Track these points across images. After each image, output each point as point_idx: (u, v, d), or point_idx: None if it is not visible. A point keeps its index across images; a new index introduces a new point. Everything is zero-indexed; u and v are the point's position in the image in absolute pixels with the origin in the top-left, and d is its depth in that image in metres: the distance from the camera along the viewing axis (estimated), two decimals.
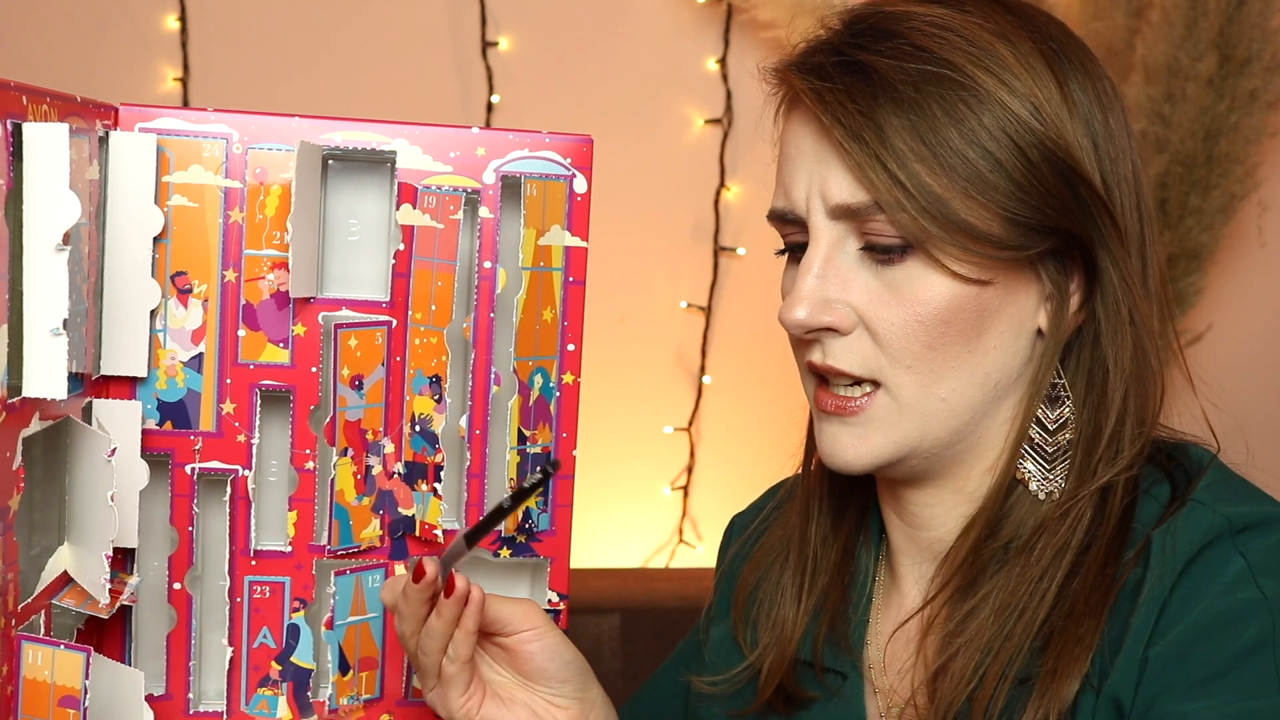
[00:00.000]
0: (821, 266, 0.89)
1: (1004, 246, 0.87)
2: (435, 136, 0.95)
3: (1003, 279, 0.88)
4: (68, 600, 0.85)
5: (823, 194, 0.89)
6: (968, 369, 0.89)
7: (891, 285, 0.88)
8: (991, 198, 0.86)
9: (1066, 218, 0.88)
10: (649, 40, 2.44)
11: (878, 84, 0.87)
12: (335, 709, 0.97)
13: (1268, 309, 2.57)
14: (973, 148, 0.86)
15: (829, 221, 0.89)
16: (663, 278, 2.47)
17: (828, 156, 0.89)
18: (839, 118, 0.87)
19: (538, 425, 0.98)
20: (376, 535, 0.96)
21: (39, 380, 0.77)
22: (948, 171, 0.85)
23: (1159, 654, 0.83)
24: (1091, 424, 0.91)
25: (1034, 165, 0.87)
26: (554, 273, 0.97)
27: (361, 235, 0.97)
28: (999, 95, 0.87)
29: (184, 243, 0.93)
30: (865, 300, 0.89)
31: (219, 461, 0.94)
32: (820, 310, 0.89)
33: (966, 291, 0.87)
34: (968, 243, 0.86)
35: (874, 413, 0.90)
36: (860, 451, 0.91)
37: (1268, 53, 2.32)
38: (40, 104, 0.78)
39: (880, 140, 0.86)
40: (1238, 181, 2.37)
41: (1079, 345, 0.92)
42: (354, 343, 0.94)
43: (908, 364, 0.88)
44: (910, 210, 0.85)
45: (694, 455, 2.47)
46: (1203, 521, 0.86)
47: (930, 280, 0.87)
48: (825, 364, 0.90)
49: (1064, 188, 0.88)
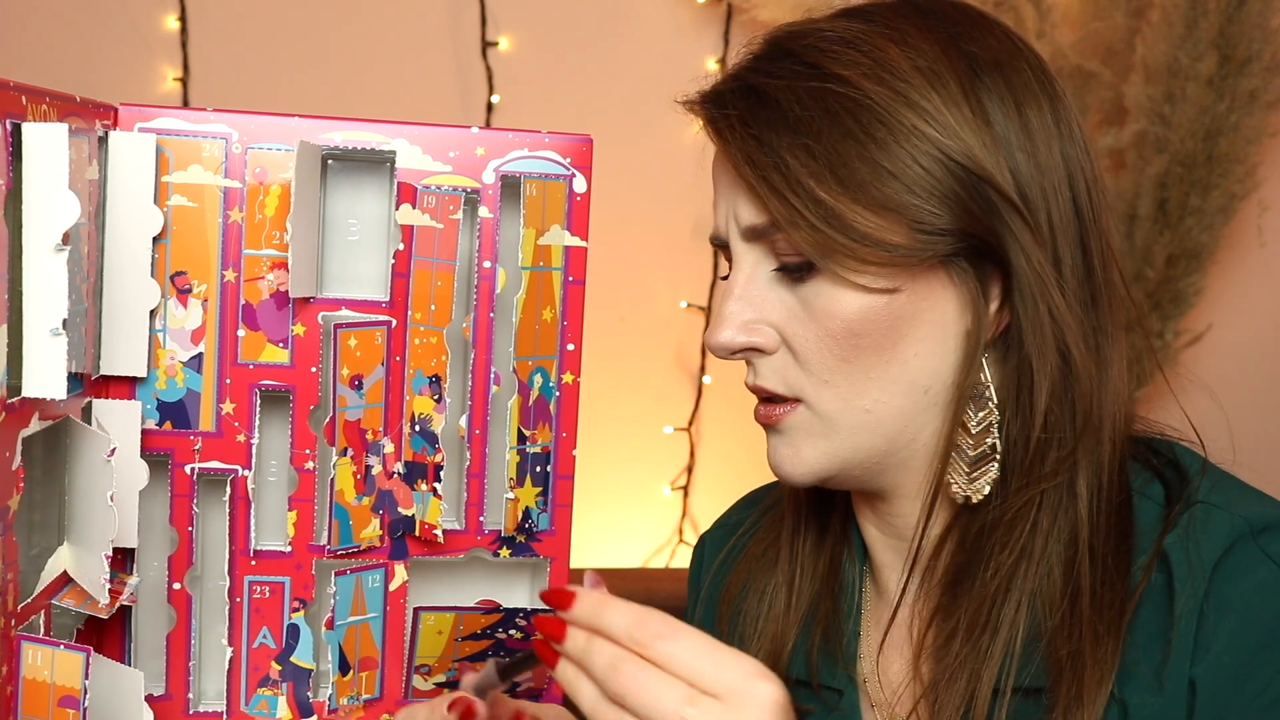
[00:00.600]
0: (742, 289, 0.91)
1: (903, 253, 0.86)
2: (435, 136, 0.95)
3: (912, 285, 0.87)
4: (67, 600, 0.85)
5: (735, 218, 0.91)
6: (889, 379, 0.89)
7: (804, 302, 0.89)
8: (888, 206, 0.85)
9: (968, 219, 0.87)
10: (649, 40, 2.44)
11: (769, 105, 0.88)
12: (335, 709, 0.97)
13: (1268, 309, 2.57)
14: (863, 161, 0.86)
15: (744, 245, 0.91)
16: (663, 278, 2.47)
17: (736, 181, 0.90)
18: (731, 142, 0.89)
19: (537, 425, 0.98)
20: (376, 535, 0.96)
21: (38, 380, 0.77)
22: (841, 185, 0.85)
23: (1210, 675, 0.82)
24: (1018, 425, 0.89)
25: (928, 170, 0.86)
26: (554, 272, 0.97)
27: (361, 235, 0.97)
28: (890, 105, 0.86)
29: (183, 243, 0.93)
30: (783, 319, 0.90)
31: (218, 461, 0.94)
32: (743, 332, 0.90)
33: (875, 302, 0.87)
34: (866, 253, 0.85)
35: (794, 423, 0.91)
36: (795, 462, 0.91)
37: (1268, 53, 2.33)
38: (40, 104, 0.78)
39: (771, 162, 0.87)
40: (1238, 181, 2.37)
41: (1005, 347, 0.90)
42: (353, 342, 0.94)
43: (825, 379, 0.89)
44: (804, 227, 0.86)
45: (694, 455, 2.48)
46: (1222, 524, 0.86)
47: (836, 294, 0.87)
48: (755, 384, 0.92)
49: (961, 189, 0.86)
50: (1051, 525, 0.88)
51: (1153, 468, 0.92)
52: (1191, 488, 0.89)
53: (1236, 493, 0.89)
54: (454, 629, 0.96)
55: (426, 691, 0.98)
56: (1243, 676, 0.81)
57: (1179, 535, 0.86)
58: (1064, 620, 0.87)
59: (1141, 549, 0.87)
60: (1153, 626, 0.85)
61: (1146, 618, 0.85)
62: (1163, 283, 2.40)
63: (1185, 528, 0.86)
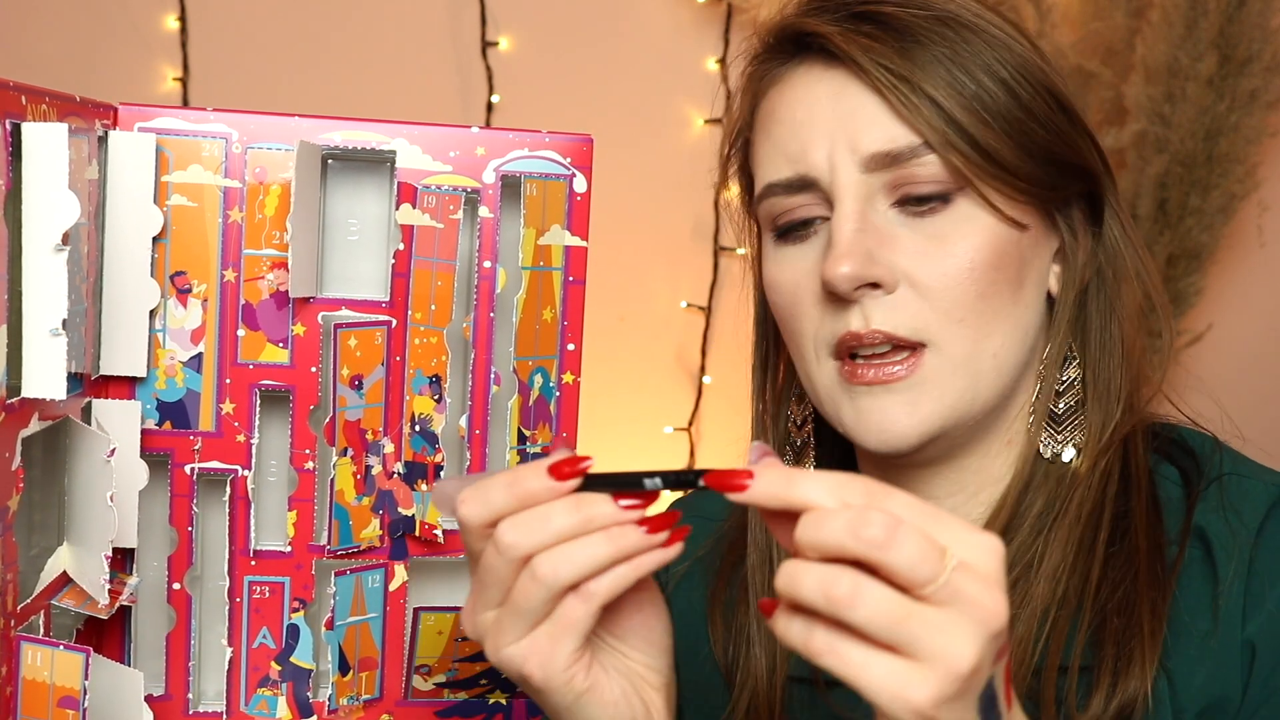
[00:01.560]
0: (859, 221, 0.85)
1: (1041, 185, 0.87)
2: (435, 136, 0.95)
3: (1035, 226, 0.88)
4: (67, 600, 0.85)
5: (852, 147, 0.86)
6: (1012, 322, 0.87)
7: (935, 236, 0.86)
8: (1023, 133, 0.86)
9: (1083, 158, 0.89)
10: (649, 40, 2.44)
11: (900, 30, 0.86)
12: (335, 709, 0.97)
13: (1268, 309, 2.57)
14: (1000, 85, 0.85)
15: (861, 176, 0.86)
16: (663, 278, 2.47)
17: (858, 107, 0.86)
18: (877, 60, 0.85)
19: (538, 425, 0.98)
20: (376, 535, 0.96)
21: (38, 380, 0.77)
22: (985, 108, 0.85)
23: (1265, 638, 0.81)
24: (1101, 381, 0.89)
25: (1050, 105, 0.87)
26: (554, 272, 0.97)
27: (361, 235, 0.97)
28: (1003, 38, 0.87)
29: (183, 242, 0.93)
30: (909, 255, 0.85)
31: (218, 461, 0.94)
32: (868, 263, 0.85)
33: (1010, 235, 0.86)
34: (1012, 179, 0.85)
35: (924, 374, 0.85)
36: (914, 421, 0.86)
37: (1268, 53, 2.33)
38: (39, 104, 0.78)
39: (922, 79, 0.85)
40: (1238, 181, 2.37)
41: (1085, 303, 0.91)
42: (353, 342, 0.94)
43: (960, 317, 0.85)
44: (961, 148, 0.84)
45: (694, 455, 2.47)
46: (1257, 491, 0.86)
47: (978, 224, 0.85)
48: (870, 329, 0.85)
49: (1074, 131, 0.88)
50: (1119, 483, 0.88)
51: (1161, 449, 0.92)
52: (1211, 463, 0.89)
53: (1255, 465, 0.90)
54: (454, 629, 0.96)
55: (426, 692, 0.98)
56: None
57: (1213, 507, 0.86)
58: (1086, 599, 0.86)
59: (1169, 527, 0.87)
60: (1194, 600, 0.84)
61: (1188, 592, 0.85)
62: (1163, 283, 2.40)
63: (1218, 499, 0.86)
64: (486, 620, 0.74)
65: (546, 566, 0.70)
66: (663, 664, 0.81)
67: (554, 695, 0.74)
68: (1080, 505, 0.87)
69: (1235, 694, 0.82)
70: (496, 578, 0.72)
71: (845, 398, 0.89)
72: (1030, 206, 0.87)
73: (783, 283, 0.91)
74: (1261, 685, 0.81)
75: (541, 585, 0.71)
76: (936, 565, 0.61)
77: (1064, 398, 0.90)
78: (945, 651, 0.61)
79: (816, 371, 0.90)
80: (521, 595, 0.71)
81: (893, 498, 0.64)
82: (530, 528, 0.71)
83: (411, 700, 0.98)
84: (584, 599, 0.71)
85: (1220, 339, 2.49)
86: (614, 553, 0.70)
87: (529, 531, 0.71)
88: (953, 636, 0.61)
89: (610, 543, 0.70)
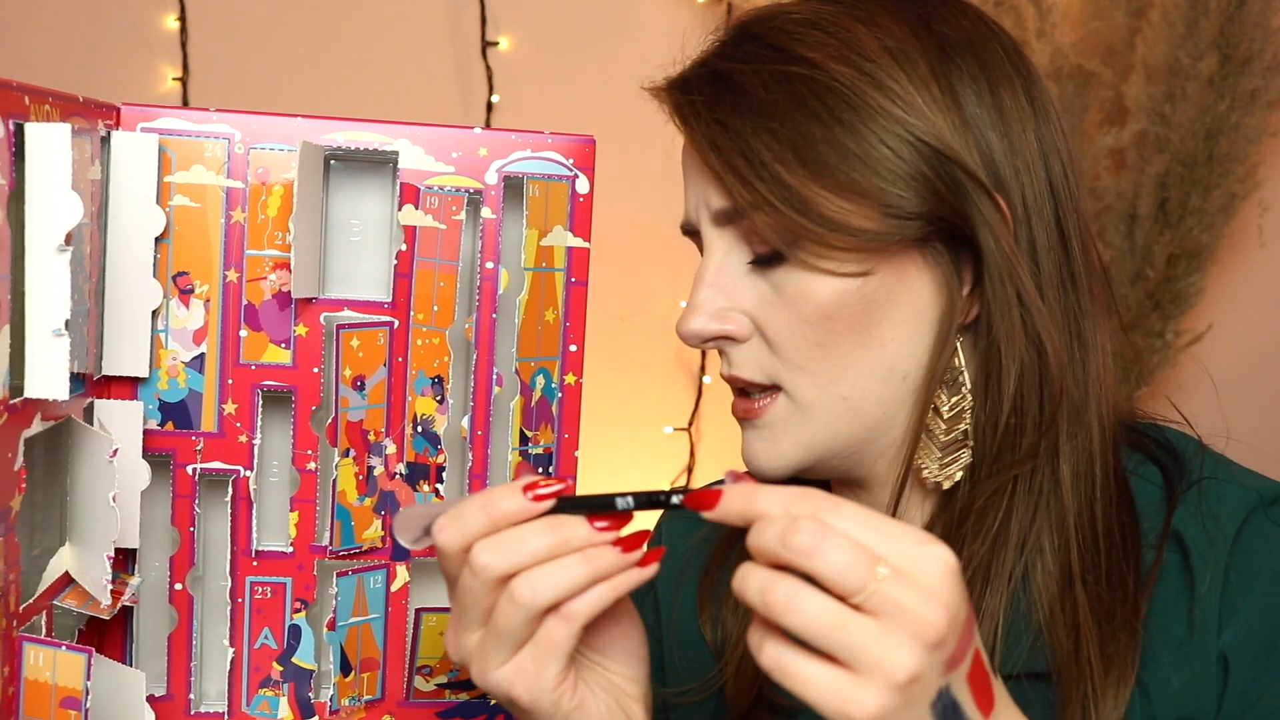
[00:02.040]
0: (714, 276, 0.90)
1: (872, 237, 0.84)
2: (437, 137, 0.95)
3: (884, 268, 0.86)
4: (69, 601, 0.85)
5: (705, 204, 0.90)
6: (867, 365, 0.87)
7: (776, 287, 0.88)
8: (855, 190, 0.84)
9: (936, 201, 0.85)
10: (649, 40, 2.43)
11: (734, 90, 0.87)
12: (337, 710, 0.97)
13: (1268, 309, 2.57)
14: (828, 144, 0.84)
15: (715, 231, 0.90)
16: (663, 278, 2.47)
17: (702, 168, 0.90)
18: (696, 128, 0.88)
19: (540, 426, 0.98)
20: (378, 536, 0.96)
21: (41, 381, 0.77)
22: (807, 168, 0.84)
23: (1241, 645, 0.81)
24: (988, 410, 0.88)
25: (894, 152, 0.84)
26: (556, 273, 0.97)
27: (363, 236, 0.97)
28: (856, 87, 0.85)
29: (186, 243, 0.93)
30: (756, 306, 0.89)
31: (220, 462, 0.94)
32: (715, 320, 0.90)
33: (847, 286, 0.86)
34: (834, 238, 0.84)
35: (775, 415, 0.90)
36: (772, 455, 0.90)
37: (1268, 53, 2.33)
38: (42, 104, 0.78)
39: (735, 146, 0.85)
40: (1238, 181, 2.37)
41: (976, 331, 0.89)
42: (356, 343, 0.94)
43: (800, 365, 0.88)
44: (769, 212, 0.84)
45: (694, 455, 2.48)
46: (1235, 496, 0.85)
47: (808, 279, 0.86)
48: (730, 374, 0.91)
49: (929, 170, 0.85)
50: (1030, 512, 0.87)
51: (1144, 450, 0.91)
52: (1192, 466, 0.89)
53: (1237, 468, 0.90)
54: None
55: (428, 692, 0.98)
56: (1276, 647, 0.81)
57: (1190, 511, 0.85)
58: (1062, 608, 0.85)
59: (1147, 531, 0.86)
60: (1170, 605, 0.84)
61: (1163, 597, 0.84)
62: (1163, 283, 2.40)
63: (1196, 504, 0.85)
64: (470, 644, 0.75)
65: (525, 589, 0.71)
66: (641, 674, 0.82)
67: (542, 716, 0.75)
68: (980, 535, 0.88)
69: (1210, 706, 0.82)
70: (473, 599, 0.73)
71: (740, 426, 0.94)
72: (869, 254, 0.85)
73: None
74: (1238, 698, 0.81)
75: (521, 607, 0.71)
76: (865, 574, 0.62)
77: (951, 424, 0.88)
78: (880, 661, 0.62)
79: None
80: (502, 619, 0.72)
81: (839, 509, 0.65)
82: (505, 549, 0.72)
83: (413, 701, 0.98)
84: (565, 620, 0.72)
85: (1220, 339, 2.49)
86: (591, 573, 0.72)
87: (504, 553, 0.72)
88: (886, 646, 0.62)
89: (587, 563, 0.72)
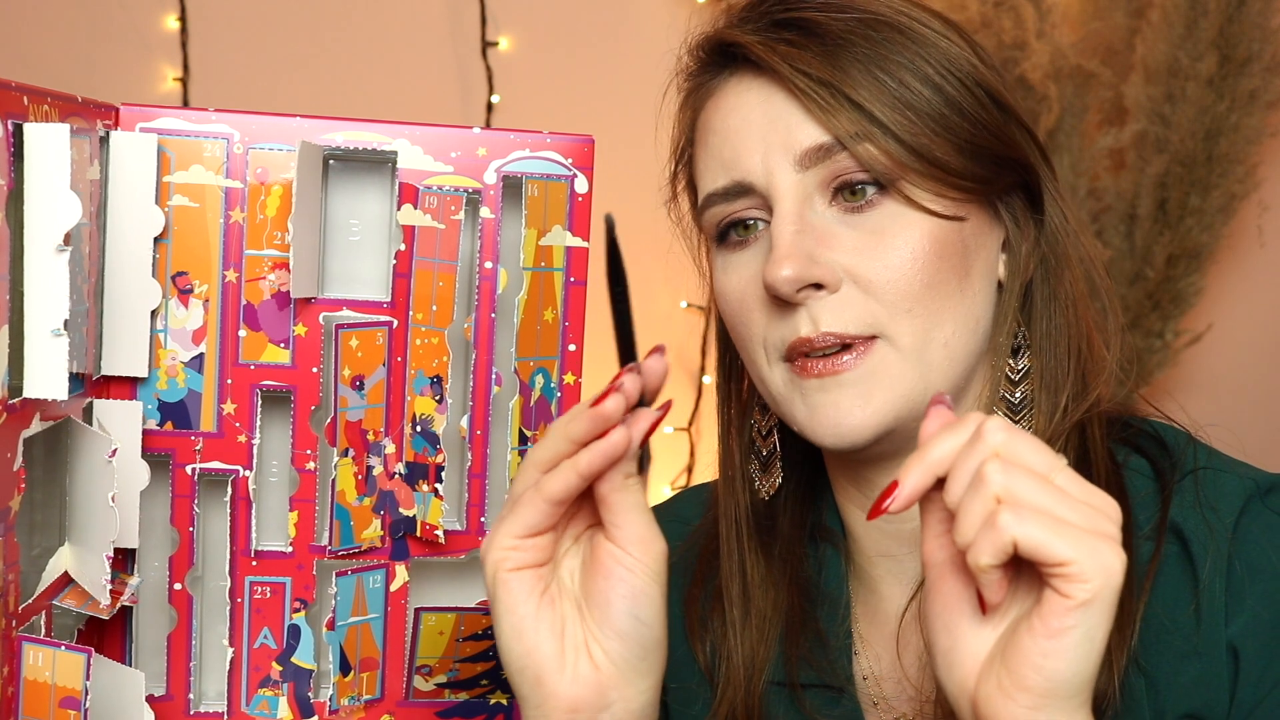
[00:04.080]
0: (796, 222, 0.87)
1: (973, 178, 0.87)
2: (436, 137, 0.95)
3: (975, 217, 0.89)
4: (68, 601, 0.85)
5: (785, 147, 0.88)
6: (962, 310, 0.87)
7: (875, 231, 0.86)
8: (949, 130, 0.86)
9: (1017, 150, 0.89)
10: (649, 40, 2.43)
11: (822, 34, 0.88)
12: (336, 709, 0.97)
13: (1268, 309, 2.57)
14: (924, 84, 0.86)
15: (796, 176, 0.87)
16: (663, 278, 2.47)
17: (786, 112, 0.88)
18: (798, 67, 0.87)
19: (539, 426, 0.98)
20: (377, 536, 0.96)
21: (40, 381, 0.77)
22: (907, 107, 0.86)
23: (1250, 634, 0.81)
24: (1052, 368, 0.89)
25: (979, 100, 0.88)
26: (555, 273, 0.97)
27: (362, 235, 0.97)
28: (931, 37, 0.88)
29: (185, 243, 0.93)
30: (851, 252, 0.86)
31: (220, 462, 0.94)
32: (808, 266, 0.85)
33: (949, 227, 0.87)
34: (939, 175, 0.86)
35: (874, 365, 0.86)
36: (867, 413, 0.85)
37: (1268, 53, 2.33)
38: (41, 104, 0.78)
39: (842, 81, 0.86)
40: (1238, 181, 2.37)
41: (1033, 291, 0.91)
42: (355, 343, 0.94)
43: (908, 308, 0.85)
44: (881, 144, 0.85)
45: (694, 455, 2.48)
46: (1233, 485, 0.86)
47: (913, 218, 0.86)
48: (821, 333, 0.86)
49: (1006, 123, 0.89)
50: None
51: (1130, 442, 0.91)
52: (1183, 457, 0.89)
53: (1230, 459, 0.90)
54: (455, 629, 0.96)
55: (427, 692, 0.98)
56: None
57: (1189, 503, 0.85)
58: None
59: (1140, 522, 0.86)
60: (1172, 596, 0.84)
61: (1164, 589, 0.84)
62: (1163, 283, 2.40)
63: (1193, 494, 0.85)
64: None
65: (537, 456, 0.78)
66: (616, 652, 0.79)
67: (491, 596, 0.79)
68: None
69: (1222, 697, 0.82)
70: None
71: (797, 395, 0.89)
72: (964, 199, 0.88)
73: (730, 290, 0.93)
74: (1253, 687, 0.81)
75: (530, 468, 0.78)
76: (1051, 458, 0.68)
77: (1019, 386, 0.90)
78: (1098, 527, 0.68)
79: (769, 375, 0.91)
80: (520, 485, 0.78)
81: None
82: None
83: (412, 700, 0.98)
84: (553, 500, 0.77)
85: (1220, 339, 2.49)
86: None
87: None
88: (1096, 514, 0.68)
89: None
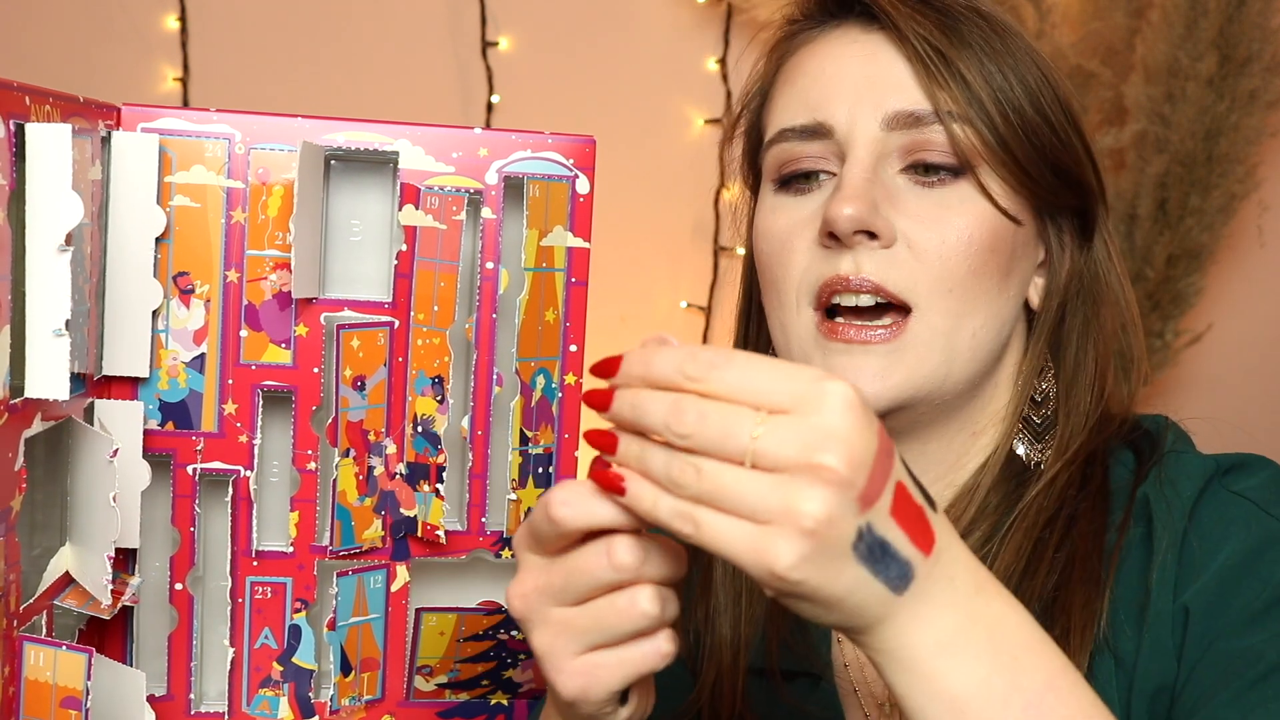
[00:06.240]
0: (868, 172, 0.87)
1: (1042, 186, 0.89)
2: (437, 137, 0.95)
3: (1028, 226, 0.90)
4: (69, 601, 0.85)
5: (877, 104, 0.88)
6: (995, 308, 0.88)
7: (940, 205, 0.87)
8: (1036, 135, 0.88)
9: (1085, 174, 0.91)
10: (649, 40, 2.44)
11: (942, 10, 0.90)
12: (337, 710, 0.97)
13: (1268, 309, 2.57)
14: (1023, 86, 0.89)
15: (879, 134, 0.88)
16: (663, 278, 2.47)
17: (889, 70, 0.89)
18: (919, 30, 0.88)
19: (540, 426, 0.98)
20: (378, 536, 0.96)
21: (41, 381, 0.77)
22: (1007, 101, 0.88)
23: (1198, 601, 0.82)
24: (1072, 398, 0.91)
25: (1066, 119, 0.90)
26: (556, 273, 0.97)
27: (364, 236, 0.97)
28: (1030, 50, 0.91)
29: (186, 243, 0.93)
30: (911, 218, 0.87)
31: (221, 462, 0.94)
32: (870, 210, 0.85)
33: (1006, 225, 0.88)
34: (1019, 171, 0.87)
35: (906, 340, 0.86)
36: (883, 387, 0.85)
37: (1268, 53, 2.33)
38: (43, 104, 0.78)
39: (957, 57, 0.88)
40: (1238, 181, 2.37)
41: (1064, 319, 0.93)
42: (356, 343, 0.94)
43: (949, 287, 0.86)
44: (975, 127, 0.87)
45: None
46: (1194, 464, 0.87)
47: (979, 205, 0.87)
48: (860, 276, 0.85)
49: (1080, 147, 0.91)
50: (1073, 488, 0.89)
51: (1122, 437, 0.92)
52: (1162, 441, 0.91)
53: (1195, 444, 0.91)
54: (456, 630, 0.96)
55: (428, 692, 0.98)
56: (1227, 597, 0.82)
57: (1153, 483, 0.87)
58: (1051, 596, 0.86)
59: (1116, 509, 0.88)
60: (1134, 577, 0.85)
61: (1130, 569, 0.85)
62: (1163, 283, 2.40)
63: (1158, 475, 0.87)
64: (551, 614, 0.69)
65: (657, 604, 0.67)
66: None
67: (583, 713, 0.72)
68: (1039, 512, 0.89)
69: (1174, 661, 0.82)
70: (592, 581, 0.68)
71: (817, 353, 0.88)
72: (1027, 205, 0.89)
73: (775, 229, 0.92)
74: (1197, 641, 0.81)
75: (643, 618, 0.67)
76: (741, 440, 0.60)
77: (1042, 409, 0.91)
78: (785, 511, 0.59)
79: (794, 320, 0.89)
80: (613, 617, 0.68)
81: (732, 361, 0.62)
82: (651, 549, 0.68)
83: (413, 701, 0.99)
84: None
85: (1220, 339, 2.49)
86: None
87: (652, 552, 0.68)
88: (787, 495, 0.59)
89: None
